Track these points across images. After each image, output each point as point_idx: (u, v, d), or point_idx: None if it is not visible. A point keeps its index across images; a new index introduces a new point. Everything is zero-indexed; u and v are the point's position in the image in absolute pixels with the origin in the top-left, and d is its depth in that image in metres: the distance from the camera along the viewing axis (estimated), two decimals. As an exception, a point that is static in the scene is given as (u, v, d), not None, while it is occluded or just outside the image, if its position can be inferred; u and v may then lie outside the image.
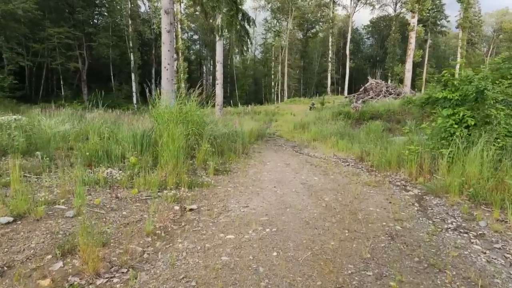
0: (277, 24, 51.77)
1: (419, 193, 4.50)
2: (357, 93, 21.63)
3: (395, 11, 50.20)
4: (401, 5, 48.78)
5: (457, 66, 40.06)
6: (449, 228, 3.21)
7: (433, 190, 4.40)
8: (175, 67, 26.19)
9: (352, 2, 45.38)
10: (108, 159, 5.49)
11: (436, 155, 5.20)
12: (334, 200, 4.10)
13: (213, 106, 17.99)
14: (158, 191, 4.20)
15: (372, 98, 19.39)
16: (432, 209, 3.82)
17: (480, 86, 4.95)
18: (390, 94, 19.65)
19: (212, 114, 20.00)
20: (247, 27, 14.65)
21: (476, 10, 43.01)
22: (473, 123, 5.14)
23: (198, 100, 7.72)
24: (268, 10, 51.20)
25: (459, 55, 39.34)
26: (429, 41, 43.98)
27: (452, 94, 5.55)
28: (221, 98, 20.57)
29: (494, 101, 5.06)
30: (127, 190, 4.16)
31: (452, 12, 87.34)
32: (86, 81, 33.11)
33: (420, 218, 3.47)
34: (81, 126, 8.08)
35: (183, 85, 28.49)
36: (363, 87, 21.53)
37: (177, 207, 3.62)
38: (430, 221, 3.38)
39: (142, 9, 43.64)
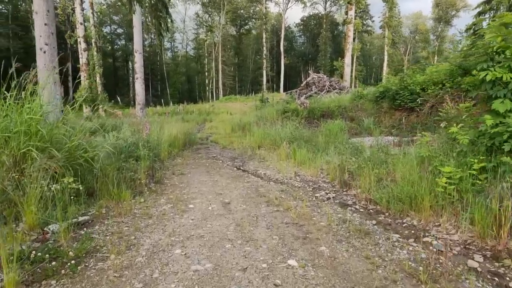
0: (209, 19, 48.33)
1: None
2: (299, 89, 19.59)
3: (325, 9, 50.73)
4: (330, 3, 49.47)
5: (384, 68, 41.32)
6: None
7: None
8: (85, 59, 21.13)
9: (285, -1, 44.30)
10: None
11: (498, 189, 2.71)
12: None
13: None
14: None
15: (315, 93, 17.50)
16: None
17: None
18: (334, 89, 18.00)
19: (129, 116, 16.00)
20: None
21: (396, 12, 45.23)
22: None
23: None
24: (198, 3, 47.42)
25: (386, 53, 40.89)
26: (356, 40, 45.05)
27: (510, 74, 3.16)
28: (142, 96, 16.70)
29: None
30: None
31: (374, 13, 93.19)
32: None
33: None
34: None
35: (98, 79, 23.18)
36: (305, 82, 19.58)
37: None
38: None
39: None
